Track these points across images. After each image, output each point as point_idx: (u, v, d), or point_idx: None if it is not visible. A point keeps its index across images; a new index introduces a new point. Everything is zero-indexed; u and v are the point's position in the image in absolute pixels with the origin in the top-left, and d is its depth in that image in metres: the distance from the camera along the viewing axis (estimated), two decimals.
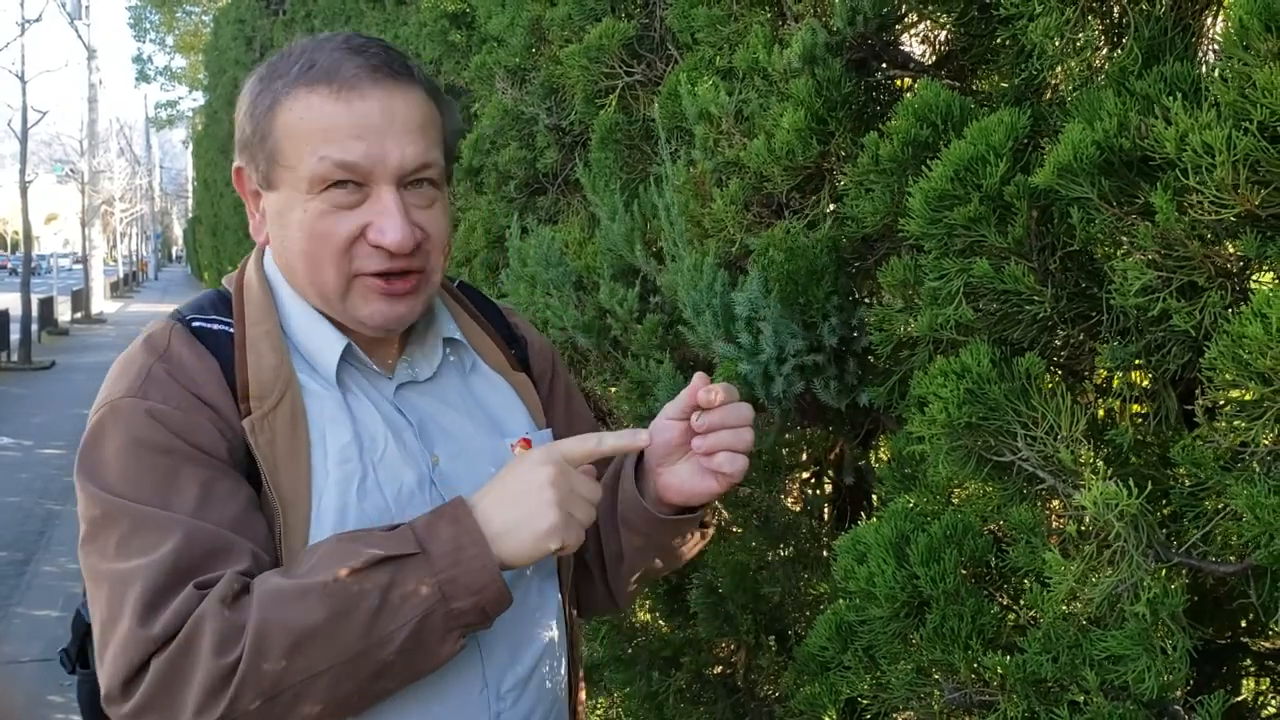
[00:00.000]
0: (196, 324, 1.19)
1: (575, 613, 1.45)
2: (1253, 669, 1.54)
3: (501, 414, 1.33)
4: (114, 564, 1.06)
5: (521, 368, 1.39)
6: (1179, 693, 1.25)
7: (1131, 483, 1.12)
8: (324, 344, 1.20)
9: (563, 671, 1.35)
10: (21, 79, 18.31)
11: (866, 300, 1.75)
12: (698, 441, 1.21)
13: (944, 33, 1.71)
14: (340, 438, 1.16)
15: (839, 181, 1.59)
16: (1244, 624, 1.50)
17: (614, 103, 2.27)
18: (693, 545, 1.38)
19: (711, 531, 1.41)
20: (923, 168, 1.33)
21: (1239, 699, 1.52)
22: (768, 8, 1.79)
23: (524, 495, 1.09)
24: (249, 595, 1.03)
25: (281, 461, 1.12)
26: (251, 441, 1.11)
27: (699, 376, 1.20)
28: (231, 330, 1.18)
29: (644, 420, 2.09)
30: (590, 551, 1.40)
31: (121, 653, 1.03)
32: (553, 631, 1.31)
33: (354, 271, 1.15)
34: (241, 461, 1.12)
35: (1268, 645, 1.51)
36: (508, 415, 1.33)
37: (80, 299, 24.47)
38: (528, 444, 1.29)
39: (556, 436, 1.37)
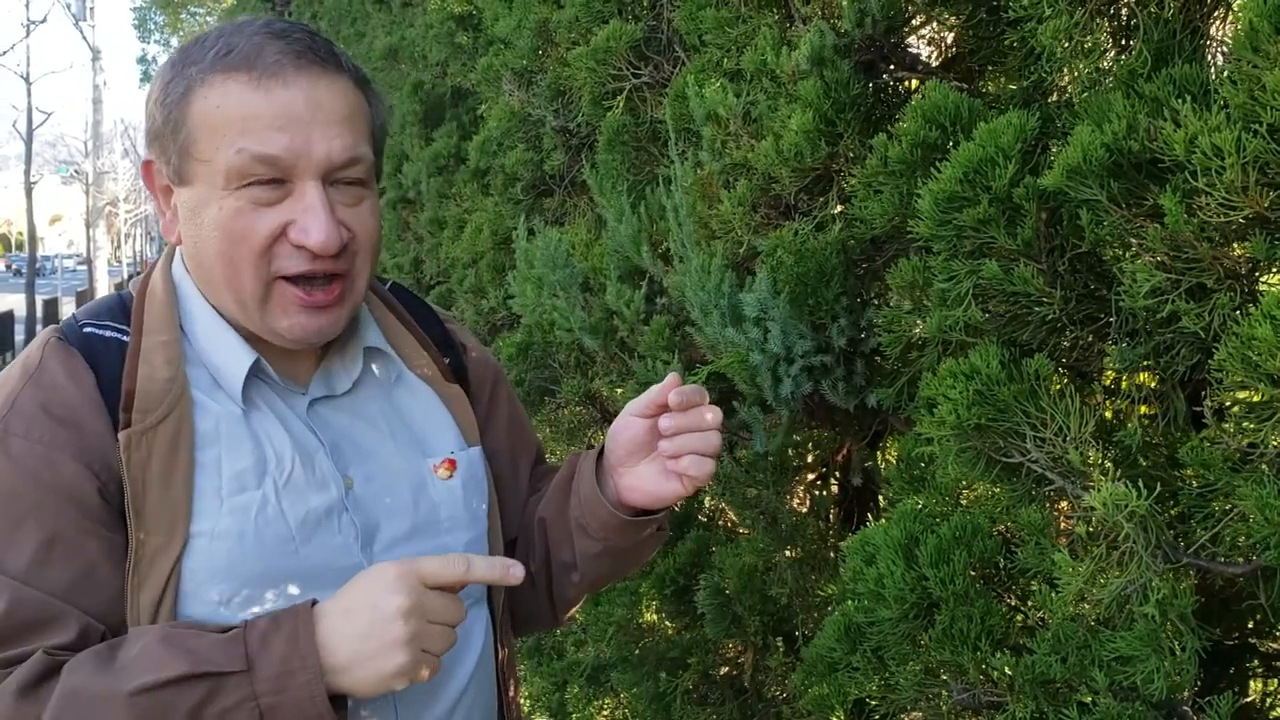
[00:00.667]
0: (87, 329, 1.11)
1: (509, 638, 1.35)
2: (1260, 670, 1.54)
3: (427, 431, 1.23)
4: None
5: (456, 379, 1.29)
6: (1187, 693, 1.26)
7: (1141, 484, 1.12)
8: (231, 358, 1.11)
9: (491, 706, 1.27)
10: (27, 80, 18.36)
11: (874, 302, 1.75)
12: (664, 444, 1.15)
13: (951, 35, 1.71)
14: (238, 462, 1.08)
15: (847, 183, 1.59)
16: (1251, 625, 1.50)
17: (621, 104, 2.27)
18: (648, 548, 1.31)
19: (666, 535, 1.33)
20: (931, 169, 1.33)
21: (1247, 700, 1.52)
22: (776, 10, 1.79)
23: (372, 629, 0.98)
24: (54, 681, 0.96)
25: (153, 483, 1.04)
26: (123, 457, 1.03)
27: (671, 377, 1.15)
28: (125, 338, 1.10)
29: None
30: (536, 561, 1.32)
31: None
32: (477, 664, 1.23)
33: (274, 274, 1.06)
34: (119, 484, 1.04)
35: (1276, 646, 1.51)
36: (433, 432, 1.23)
37: (84, 300, 24.50)
38: (452, 465, 1.22)
39: (494, 457, 1.30)
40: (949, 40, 1.73)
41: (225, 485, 1.07)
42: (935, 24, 1.71)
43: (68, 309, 23.11)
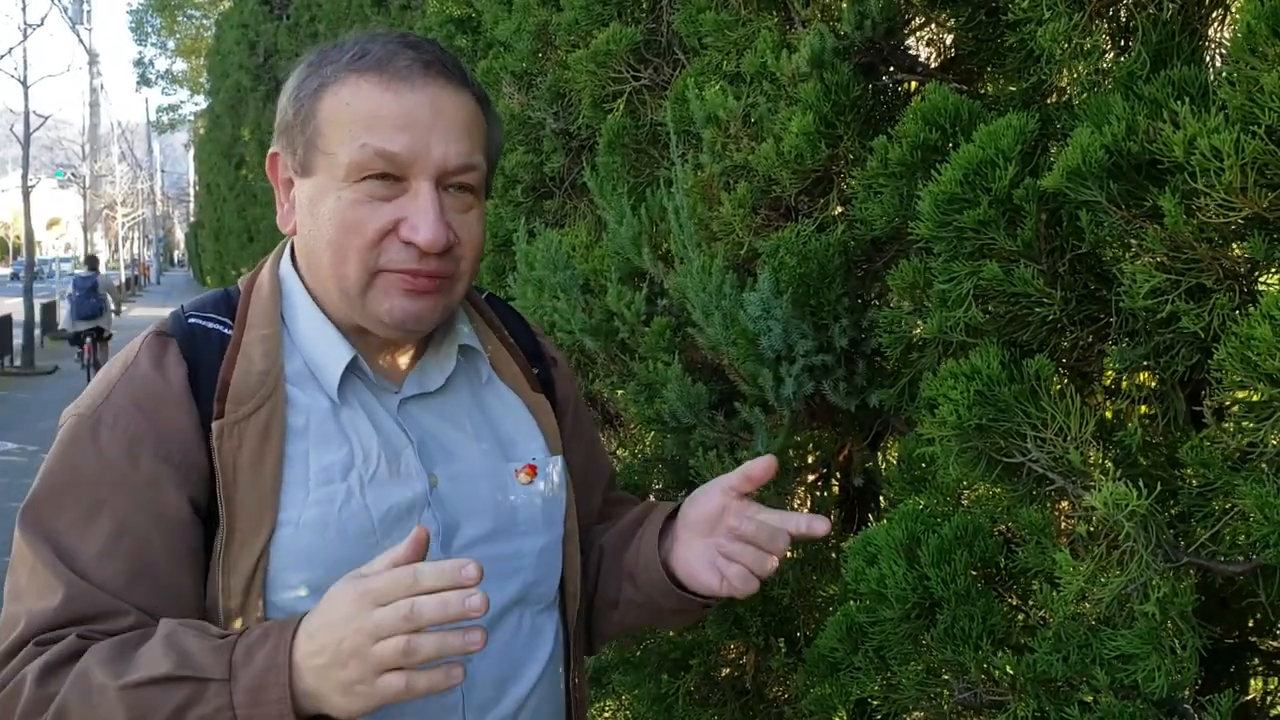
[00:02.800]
0: (192, 320, 1.16)
1: (581, 653, 1.35)
2: (1260, 668, 1.55)
3: (511, 435, 1.26)
4: (16, 597, 1.06)
5: (542, 389, 1.32)
6: (1188, 692, 1.26)
7: (1141, 483, 1.13)
8: (329, 353, 1.16)
9: (559, 707, 1.28)
10: (24, 83, 18.35)
11: (875, 302, 1.76)
12: (724, 541, 1.17)
13: (950, 36, 1.72)
14: (326, 456, 1.12)
15: (847, 185, 1.60)
16: (1251, 624, 1.50)
17: (621, 107, 2.28)
18: (689, 617, 1.31)
19: (708, 614, 1.33)
20: (932, 171, 1.34)
21: (1247, 699, 1.52)
22: (775, 12, 1.80)
23: (324, 649, 0.96)
24: (75, 663, 1.00)
25: (243, 471, 1.08)
26: (215, 446, 1.08)
27: (768, 460, 1.15)
28: (227, 330, 1.15)
29: (651, 421, 2.10)
30: (586, 586, 1.34)
31: None
32: (546, 666, 1.25)
33: (379, 267, 1.11)
34: (204, 478, 1.09)
35: (1275, 644, 1.51)
36: (518, 437, 1.27)
37: None
38: (533, 470, 1.24)
39: (579, 466, 1.33)
40: (948, 42, 1.73)
41: (313, 477, 1.11)
42: (934, 26, 1.72)
43: (64, 313, 23.09)
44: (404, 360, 1.22)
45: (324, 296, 1.17)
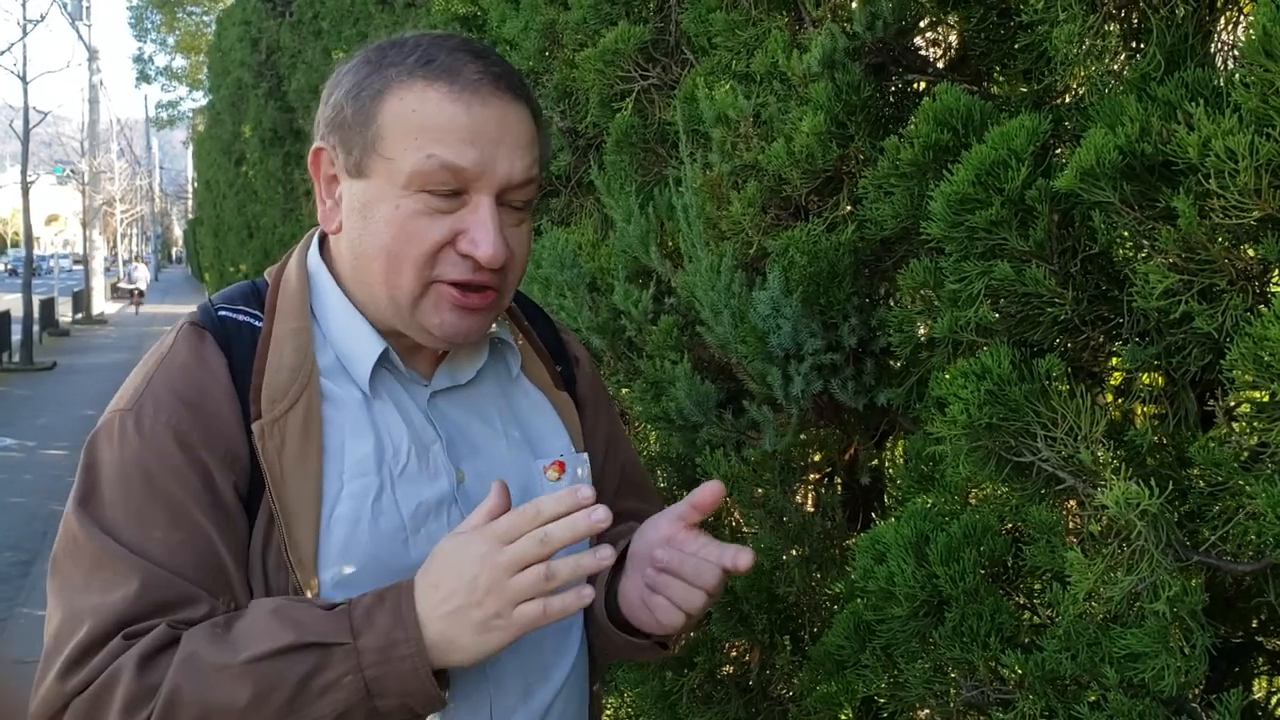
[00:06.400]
0: (223, 313, 1.15)
1: (598, 669, 1.35)
2: (1265, 667, 1.56)
3: (538, 432, 1.26)
4: (74, 595, 1.04)
5: (566, 388, 1.32)
6: (1196, 690, 1.27)
7: (1152, 482, 1.14)
8: (361, 346, 1.15)
9: (583, 706, 1.27)
10: (23, 79, 18.32)
11: (884, 302, 1.77)
12: (651, 573, 1.13)
13: (961, 37, 1.73)
14: (359, 449, 1.11)
15: (858, 185, 1.61)
16: (1256, 623, 1.51)
17: (629, 106, 2.29)
18: (645, 657, 1.28)
19: (672, 650, 1.29)
20: (943, 171, 1.35)
21: (1253, 697, 1.53)
22: (786, 12, 1.81)
23: (454, 594, 0.99)
24: (173, 650, 0.99)
25: (289, 468, 1.08)
26: (259, 446, 1.07)
27: (714, 487, 1.12)
28: (257, 323, 1.14)
29: (657, 419, 2.11)
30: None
31: (41, 702, 1.02)
32: (573, 663, 1.24)
33: (433, 278, 1.10)
34: (245, 470, 1.08)
35: None
36: (545, 434, 1.27)
37: (81, 300, 24.48)
38: (561, 467, 1.23)
39: (594, 465, 1.31)
40: (959, 43, 1.74)
41: (347, 470, 1.10)
42: (945, 26, 1.73)
43: (64, 309, 23.09)
44: (432, 357, 1.21)
45: (365, 297, 1.15)
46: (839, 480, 2.18)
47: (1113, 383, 1.47)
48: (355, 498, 1.10)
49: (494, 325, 1.25)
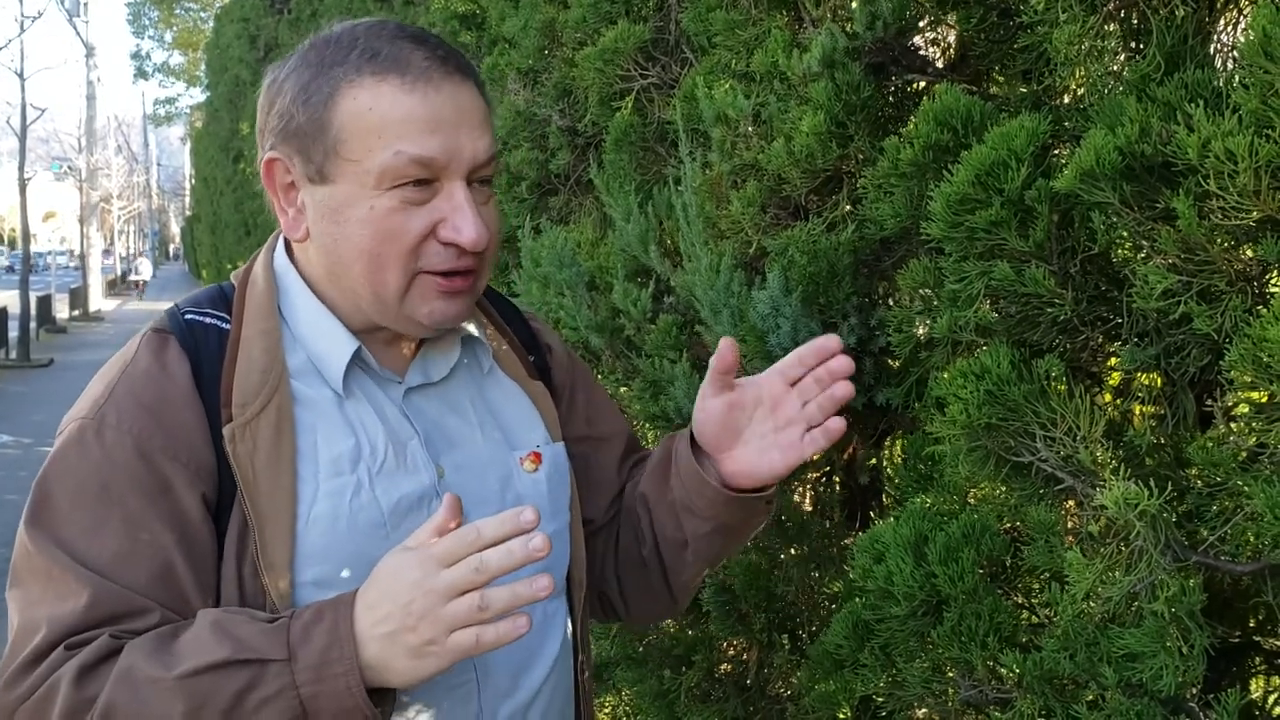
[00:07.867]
0: (190, 317, 1.14)
1: (588, 640, 1.36)
2: (1263, 667, 1.56)
3: (514, 424, 1.26)
4: (29, 606, 1.03)
5: (540, 377, 1.31)
6: (1194, 690, 1.27)
7: (1151, 483, 1.14)
8: (332, 346, 1.14)
9: (569, 696, 1.28)
10: (21, 76, 18.29)
11: (883, 301, 1.77)
12: (781, 408, 1.16)
13: (961, 37, 1.73)
14: (334, 448, 1.10)
15: (858, 185, 1.61)
16: (1254, 623, 1.52)
17: (629, 105, 2.29)
18: (759, 520, 1.29)
19: (774, 506, 1.31)
20: (943, 171, 1.35)
21: (1251, 697, 1.54)
22: (786, 12, 1.81)
23: (389, 617, 0.98)
24: (114, 661, 0.99)
25: (262, 471, 1.06)
26: (229, 451, 1.06)
27: (728, 342, 1.15)
28: (225, 325, 1.13)
29: (656, 419, 2.11)
30: (646, 546, 1.31)
31: None
32: (558, 654, 1.24)
33: (419, 269, 1.09)
34: (212, 476, 1.07)
35: (1278, 644, 1.52)
36: (520, 426, 1.26)
37: (78, 297, 24.46)
38: (538, 458, 1.24)
39: (574, 444, 1.31)
40: (958, 43, 1.74)
41: (322, 470, 1.09)
42: (945, 26, 1.73)
43: (61, 305, 23.07)
44: (407, 350, 1.21)
45: (341, 298, 1.15)
46: (838, 480, 2.18)
47: (1112, 383, 1.48)
48: (333, 496, 1.09)
49: (469, 324, 1.24)
